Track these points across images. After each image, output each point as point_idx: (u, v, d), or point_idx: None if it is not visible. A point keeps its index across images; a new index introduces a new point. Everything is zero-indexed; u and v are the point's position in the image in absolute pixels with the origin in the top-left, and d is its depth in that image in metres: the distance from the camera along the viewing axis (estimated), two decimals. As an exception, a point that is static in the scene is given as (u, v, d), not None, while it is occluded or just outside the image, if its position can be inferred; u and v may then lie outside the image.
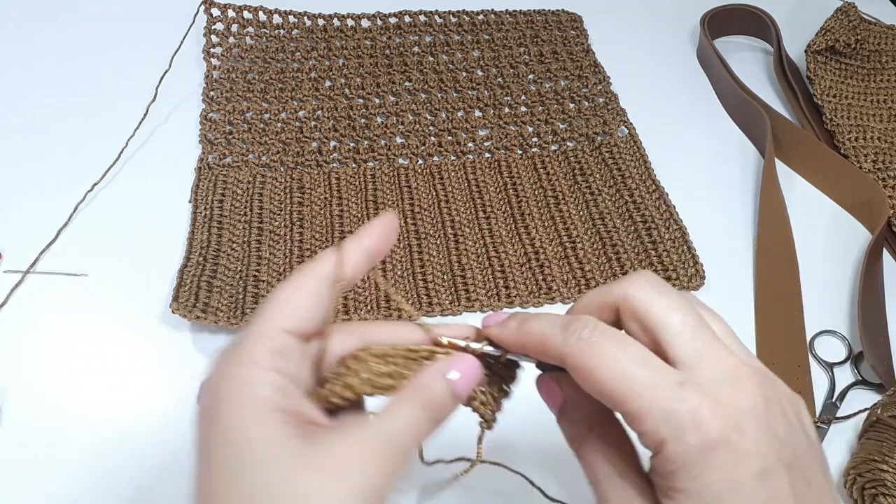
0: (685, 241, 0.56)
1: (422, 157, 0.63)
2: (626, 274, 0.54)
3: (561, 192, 0.60)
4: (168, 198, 0.57)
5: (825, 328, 0.53)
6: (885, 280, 0.57)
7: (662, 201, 0.59)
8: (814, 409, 0.48)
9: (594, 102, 0.69)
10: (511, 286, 0.53)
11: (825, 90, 0.70)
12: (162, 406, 0.46)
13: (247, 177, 0.59)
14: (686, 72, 0.76)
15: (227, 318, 0.48)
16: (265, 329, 0.26)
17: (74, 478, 0.42)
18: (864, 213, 0.61)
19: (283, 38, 0.71)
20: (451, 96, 0.68)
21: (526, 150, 0.64)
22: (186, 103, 0.65)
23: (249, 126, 0.63)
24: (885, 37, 0.77)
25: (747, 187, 0.64)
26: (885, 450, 0.43)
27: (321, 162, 0.61)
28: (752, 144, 0.68)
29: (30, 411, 0.45)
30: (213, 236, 0.54)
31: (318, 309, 0.28)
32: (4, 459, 0.43)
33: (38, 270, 0.52)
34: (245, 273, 0.52)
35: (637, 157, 0.63)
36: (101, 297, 0.51)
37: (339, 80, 0.68)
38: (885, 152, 0.65)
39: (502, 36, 0.75)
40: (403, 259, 0.54)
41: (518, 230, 0.57)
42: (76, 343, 0.48)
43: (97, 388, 0.46)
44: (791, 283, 0.55)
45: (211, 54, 0.68)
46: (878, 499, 0.41)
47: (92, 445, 0.44)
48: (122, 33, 0.72)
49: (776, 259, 0.57)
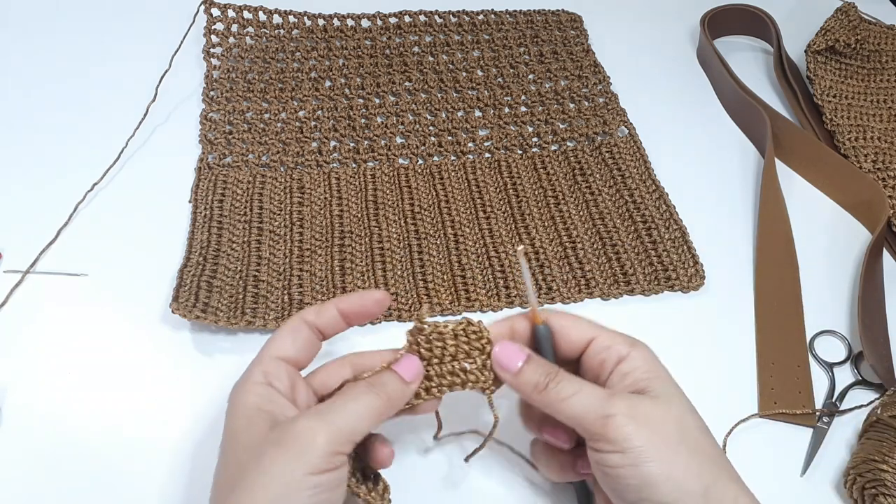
0: (685, 241, 0.56)
1: (422, 157, 0.63)
2: (625, 274, 0.55)
3: (561, 192, 0.60)
4: (168, 198, 0.57)
5: (825, 328, 0.53)
6: (885, 280, 0.57)
7: (662, 201, 0.59)
8: (814, 409, 0.48)
9: (594, 102, 0.69)
10: (511, 286, 0.53)
11: (825, 90, 0.70)
12: (162, 406, 0.46)
13: (247, 177, 0.59)
14: (686, 72, 0.76)
15: (226, 318, 0.48)
16: (262, 357, 0.37)
17: (74, 477, 0.42)
18: (864, 213, 0.61)
19: (283, 38, 0.71)
20: (451, 96, 0.68)
21: (526, 150, 0.64)
22: (186, 103, 0.65)
23: (249, 126, 0.63)
24: (885, 37, 0.77)
25: (747, 187, 0.64)
26: (885, 450, 0.43)
27: (321, 162, 0.61)
28: (752, 144, 0.68)
29: (30, 411, 0.45)
30: (213, 236, 0.54)
31: (301, 342, 0.38)
32: (4, 459, 0.43)
33: (38, 270, 0.52)
34: (245, 273, 0.52)
35: (637, 157, 0.63)
36: (101, 297, 0.51)
37: (339, 80, 0.68)
38: (885, 152, 0.65)
39: (502, 36, 0.75)
40: (403, 259, 0.54)
41: (518, 230, 0.57)
42: (76, 343, 0.48)
43: (97, 388, 0.46)
44: (791, 283, 0.55)
45: (211, 54, 0.68)
46: (878, 499, 0.41)
47: (92, 445, 0.44)
48: (123, 33, 0.72)
49: (776, 259, 0.57)
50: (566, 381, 0.36)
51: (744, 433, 0.47)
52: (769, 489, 0.36)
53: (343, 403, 0.35)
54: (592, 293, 0.54)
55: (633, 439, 0.33)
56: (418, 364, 0.37)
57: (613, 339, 0.38)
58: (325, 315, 0.39)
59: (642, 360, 0.37)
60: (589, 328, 0.38)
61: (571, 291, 0.54)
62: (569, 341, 0.38)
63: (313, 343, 0.39)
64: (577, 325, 0.39)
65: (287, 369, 0.37)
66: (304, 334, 0.38)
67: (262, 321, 0.49)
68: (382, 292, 0.40)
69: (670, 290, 0.54)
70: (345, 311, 0.39)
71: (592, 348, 0.38)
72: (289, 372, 0.37)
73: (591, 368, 0.38)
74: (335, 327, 0.39)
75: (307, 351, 0.39)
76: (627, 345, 0.37)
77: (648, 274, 0.55)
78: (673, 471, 0.33)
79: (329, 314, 0.39)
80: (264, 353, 0.37)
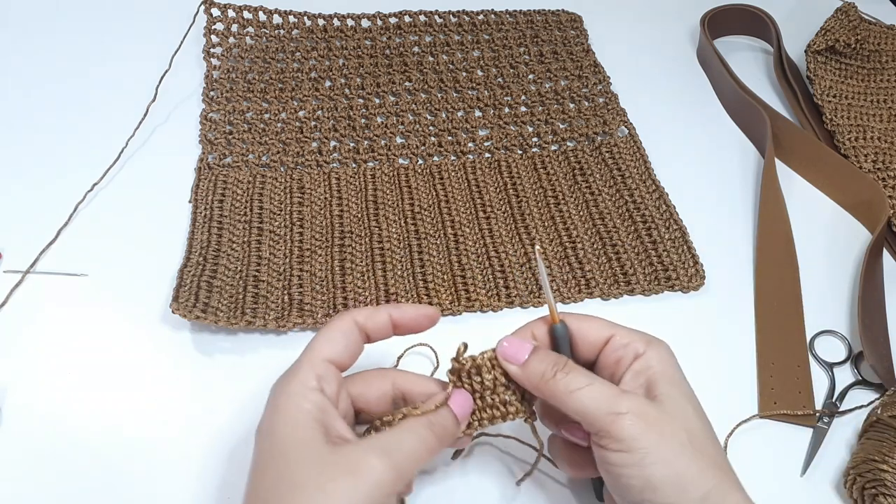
0: (685, 241, 0.56)
1: (422, 157, 0.63)
2: (626, 274, 0.55)
3: (561, 192, 0.60)
4: (168, 198, 0.57)
5: (825, 328, 0.53)
6: (885, 280, 0.57)
7: (662, 201, 0.59)
8: (814, 409, 0.48)
9: (594, 102, 0.69)
10: (511, 286, 0.53)
11: (825, 90, 0.70)
12: (162, 406, 0.46)
13: (247, 177, 0.59)
14: (686, 72, 0.76)
15: (226, 318, 0.48)
16: (312, 357, 0.35)
17: (74, 477, 0.42)
18: (864, 213, 0.61)
19: (283, 38, 0.71)
20: (451, 96, 0.68)
21: (526, 150, 0.64)
22: (186, 103, 0.65)
23: (249, 126, 0.63)
24: (885, 37, 0.77)
25: (747, 187, 0.64)
26: (885, 450, 0.43)
27: (321, 162, 0.61)
28: (752, 144, 0.68)
29: (30, 411, 0.45)
30: (213, 236, 0.54)
31: (350, 345, 0.37)
32: (4, 459, 0.43)
33: (38, 270, 0.52)
34: (245, 273, 0.52)
35: (637, 157, 0.63)
36: (101, 297, 0.51)
37: (339, 80, 0.68)
38: (885, 152, 0.65)
39: (502, 36, 0.75)
40: (403, 259, 0.54)
41: (518, 230, 0.57)
42: (76, 343, 0.48)
43: (97, 388, 0.46)
44: (791, 283, 0.55)
45: (211, 54, 0.68)
46: (878, 499, 0.41)
47: (92, 445, 0.44)
48: (123, 33, 0.72)
49: (776, 259, 0.57)
50: (575, 373, 0.35)
51: (744, 433, 0.47)
52: (769, 489, 0.36)
53: (406, 442, 0.34)
54: (592, 293, 0.54)
55: (640, 440, 0.33)
56: (470, 401, 0.37)
57: (631, 336, 0.37)
58: (377, 320, 0.38)
59: (657, 359, 0.36)
60: (606, 327, 0.38)
61: (571, 291, 0.54)
62: (587, 341, 0.38)
63: (360, 346, 0.38)
64: (595, 325, 0.38)
65: (335, 374, 0.36)
66: (354, 336, 0.37)
67: (262, 321, 0.49)
68: (434, 309, 0.39)
69: (670, 290, 0.54)
70: (398, 320, 0.38)
71: (609, 346, 0.37)
72: (336, 376, 0.36)
73: (607, 366, 0.38)
74: (383, 333, 0.38)
75: (354, 354, 0.37)
76: (644, 343, 0.37)
77: (648, 274, 0.55)
78: (676, 475, 0.33)
79: (381, 319, 0.38)
80: (315, 353, 0.36)
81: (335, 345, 0.36)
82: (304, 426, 0.33)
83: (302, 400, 0.33)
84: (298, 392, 0.34)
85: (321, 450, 0.32)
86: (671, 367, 0.37)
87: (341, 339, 0.36)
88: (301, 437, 0.32)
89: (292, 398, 0.34)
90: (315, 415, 0.33)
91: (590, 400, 0.34)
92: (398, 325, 0.38)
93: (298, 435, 0.32)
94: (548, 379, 0.35)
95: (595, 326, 0.38)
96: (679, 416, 0.35)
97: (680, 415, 0.35)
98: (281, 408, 0.33)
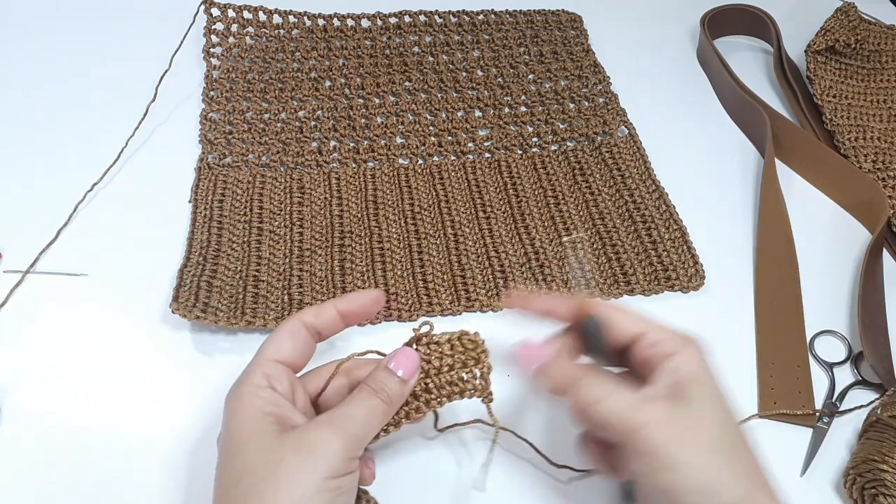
0: (685, 241, 0.56)
1: (422, 157, 0.63)
2: (626, 274, 0.55)
3: (561, 192, 0.60)
4: (168, 198, 0.57)
5: (825, 328, 0.53)
6: (885, 280, 0.57)
7: (662, 201, 0.59)
8: (814, 409, 0.48)
9: (594, 102, 0.69)
10: (511, 286, 0.53)
11: (825, 90, 0.70)
12: (161, 405, 0.46)
13: (247, 177, 0.59)
14: (686, 72, 0.76)
15: (226, 318, 0.48)
16: (260, 360, 0.37)
17: (74, 477, 0.42)
18: (864, 213, 0.61)
19: (283, 38, 0.71)
20: (451, 96, 0.68)
21: (526, 150, 0.64)
22: (186, 103, 0.65)
23: (249, 126, 0.63)
24: (885, 37, 0.77)
25: (747, 187, 0.64)
26: (885, 450, 0.43)
27: (321, 162, 0.61)
28: (752, 144, 0.68)
29: (30, 411, 0.45)
30: (213, 236, 0.54)
31: (299, 345, 0.38)
32: (4, 459, 0.43)
33: (38, 270, 0.52)
34: (245, 273, 0.52)
35: (637, 157, 0.63)
36: (101, 297, 0.51)
37: (339, 80, 0.68)
38: (885, 152, 0.65)
39: (502, 36, 0.75)
40: (403, 259, 0.54)
41: (518, 230, 0.57)
42: (76, 343, 0.48)
43: (97, 388, 0.46)
44: (791, 283, 0.55)
45: (211, 54, 0.68)
46: (878, 499, 0.41)
47: (92, 445, 0.44)
48: (123, 33, 0.72)
49: (776, 259, 0.57)
50: (593, 384, 0.35)
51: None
52: (769, 489, 0.36)
53: (352, 410, 0.35)
54: (593, 293, 0.54)
55: (664, 448, 0.33)
56: (414, 357, 0.37)
57: (662, 334, 0.37)
58: (325, 316, 0.39)
59: (687, 360, 0.36)
60: (639, 323, 0.38)
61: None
62: (617, 333, 0.38)
63: (310, 345, 0.39)
64: (627, 319, 0.38)
65: (286, 372, 0.37)
66: (302, 336, 0.38)
67: (262, 321, 0.49)
68: (378, 291, 0.41)
69: (670, 290, 0.55)
70: (343, 311, 0.39)
71: (641, 343, 0.37)
72: (288, 375, 0.37)
73: (638, 363, 0.37)
74: (333, 328, 0.39)
75: (305, 353, 0.39)
76: (676, 343, 0.36)
77: (648, 274, 0.55)
78: (704, 481, 0.32)
79: (328, 315, 0.39)
80: (263, 356, 0.37)
81: (283, 345, 0.37)
82: (257, 420, 0.34)
83: (253, 398, 0.35)
84: (249, 392, 0.35)
85: (273, 438, 0.33)
86: (702, 369, 0.36)
87: (289, 340, 0.38)
88: (255, 430, 0.34)
89: (244, 398, 0.35)
90: (267, 409, 0.34)
91: (608, 411, 0.34)
92: (346, 316, 0.39)
93: (252, 429, 0.34)
94: (563, 392, 0.36)
95: (627, 321, 0.38)
96: (707, 421, 0.34)
97: (708, 419, 0.34)
98: (234, 410, 0.35)
